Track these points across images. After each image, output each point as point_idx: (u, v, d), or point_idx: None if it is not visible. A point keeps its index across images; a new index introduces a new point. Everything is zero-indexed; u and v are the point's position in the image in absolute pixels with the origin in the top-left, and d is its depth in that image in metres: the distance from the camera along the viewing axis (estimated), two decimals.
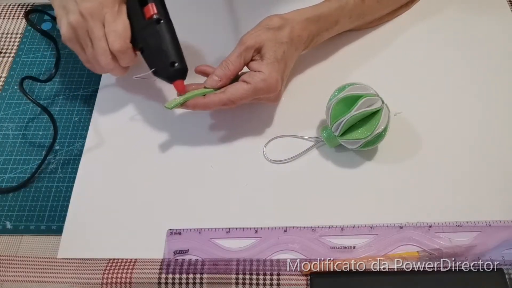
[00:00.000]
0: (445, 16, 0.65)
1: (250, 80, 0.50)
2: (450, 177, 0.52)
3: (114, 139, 0.57)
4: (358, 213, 0.51)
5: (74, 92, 0.61)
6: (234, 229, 0.50)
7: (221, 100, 0.51)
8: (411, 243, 0.48)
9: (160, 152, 0.56)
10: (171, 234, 0.50)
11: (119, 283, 0.47)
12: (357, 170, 0.53)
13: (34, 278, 0.48)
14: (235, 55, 0.52)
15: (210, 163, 0.55)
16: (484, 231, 0.49)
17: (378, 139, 0.51)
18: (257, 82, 0.50)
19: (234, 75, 0.52)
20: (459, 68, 0.60)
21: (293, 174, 0.53)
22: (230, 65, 0.51)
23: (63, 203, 0.53)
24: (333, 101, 0.51)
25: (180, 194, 0.53)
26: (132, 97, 0.60)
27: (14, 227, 0.52)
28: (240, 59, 0.52)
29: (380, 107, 0.50)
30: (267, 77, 0.50)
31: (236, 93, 0.50)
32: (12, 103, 0.61)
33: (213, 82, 0.52)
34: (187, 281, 0.47)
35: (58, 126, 0.56)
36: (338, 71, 0.60)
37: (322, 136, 0.53)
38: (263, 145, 0.56)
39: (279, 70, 0.51)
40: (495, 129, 0.55)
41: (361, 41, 0.63)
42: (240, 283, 0.47)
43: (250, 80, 0.50)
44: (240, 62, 0.52)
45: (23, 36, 0.66)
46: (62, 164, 0.56)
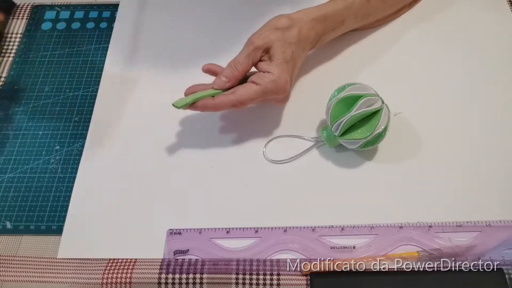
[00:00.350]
0: (445, 16, 0.64)
1: (259, 81, 0.50)
2: (450, 177, 0.52)
3: (114, 139, 0.57)
4: (358, 213, 0.50)
5: (74, 92, 0.61)
6: (234, 229, 0.50)
7: (231, 101, 0.50)
8: (411, 243, 0.48)
9: (160, 152, 0.55)
10: (171, 234, 0.50)
11: (119, 283, 0.47)
12: (357, 170, 0.53)
13: (34, 278, 0.48)
14: (244, 56, 0.51)
15: (210, 163, 0.54)
16: (484, 231, 0.48)
17: (378, 139, 0.51)
18: (266, 83, 0.50)
19: (242, 75, 0.51)
20: (459, 68, 0.60)
21: (293, 174, 0.53)
22: (239, 66, 0.51)
23: (63, 203, 0.52)
24: (333, 101, 0.51)
25: (180, 194, 0.52)
26: (132, 98, 0.60)
27: (14, 227, 0.51)
28: (248, 59, 0.51)
29: (380, 107, 0.50)
30: (276, 78, 0.50)
31: (246, 94, 0.50)
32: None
33: (222, 83, 0.51)
34: (187, 281, 0.47)
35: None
36: (338, 71, 0.60)
37: (322, 136, 0.53)
38: (263, 145, 0.55)
39: (288, 71, 0.51)
40: (495, 128, 0.55)
41: (361, 41, 0.62)
42: (240, 283, 0.47)
43: (260, 81, 0.50)
44: (249, 63, 0.51)
45: (23, 36, 0.66)
46: (62, 164, 0.55)
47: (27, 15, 0.68)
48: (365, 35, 0.63)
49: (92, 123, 0.58)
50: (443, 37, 0.63)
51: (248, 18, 0.64)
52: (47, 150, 0.56)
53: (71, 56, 0.64)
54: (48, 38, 0.65)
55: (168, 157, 0.55)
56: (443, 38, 0.63)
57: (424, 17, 0.64)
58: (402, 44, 0.62)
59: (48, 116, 0.59)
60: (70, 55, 0.64)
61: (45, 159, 0.56)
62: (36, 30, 0.66)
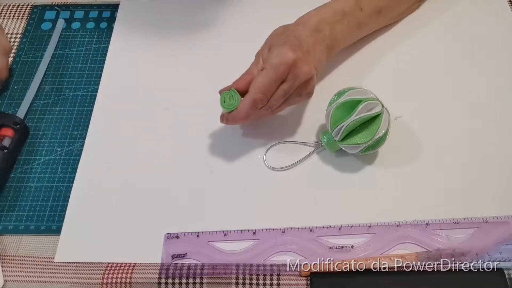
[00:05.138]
0: (445, 18, 0.62)
1: (265, 64, 0.47)
2: (448, 175, 0.51)
3: (114, 140, 0.55)
4: (356, 213, 0.49)
5: (74, 92, 0.59)
6: (232, 231, 0.48)
7: (249, 99, 0.47)
8: (409, 241, 0.47)
9: (159, 156, 0.53)
10: (168, 238, 0.48)
11: (119, 283, 0.45)
12: (358, 174, 0.51)
13: (34, 278, 0.46)
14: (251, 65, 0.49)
15: (209, 167, 0.52)
16: (481, 227, 0.47)
17: (379, 144, 0.49)
18: (271, 59, 0.46)
19: None
20: (459, 70, 0.58)
21: (293, 179, 0.51)
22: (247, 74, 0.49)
23: (63, 203, 0.51)
24: (333, 106, 0.49)
25: (179, 198, 0.50)
26: (131, 99, 0.58)
27: (14, 227, 0.50)
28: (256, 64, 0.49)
29: (381, 112, 0.48)
30: (278, 52, 0.46)
31: (258, 83, 0.47)
32: (12, 103, 0.58)
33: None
34: (187, 281, 0.45)
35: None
36: (337, 76, 0.58)
37: (322, 141, 0.51)
38: (262, 150, 0.53)
39: (291, 49, 0.47)
40: (493, 128, 0.54)
41: (360, 45, 0.60)
42: (240, 283, 0.45)
43: (265, 64, 0.47)
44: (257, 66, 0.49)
45: (23, 36, 0.64)
46: (62, 164, 0.53)
47: (27, 15, 0.65)
48: (365, 39, 0.60)
49: (92, 123, 0.56)
50: (443, 38, 0.61)
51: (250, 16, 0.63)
52: (47, 150, 0.54)
53: (71, 56, 0.62)
54: (48, 38, 0.63)
55: (167, 160, 0.53)
56: (443, 40, 0.61)
57: (423, 19, 0.62)
58: (402, 47, 0.60)
59: (48, 116, 0.57)
60: (70, 55, 0.62)
61: (45, 159, 0.54)
62: (36, 30, 0.64)
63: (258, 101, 0.47)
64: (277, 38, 0.49)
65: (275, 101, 0.48)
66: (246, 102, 0.47)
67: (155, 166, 0.53)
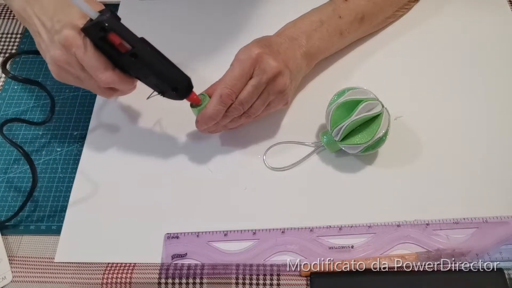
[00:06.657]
0: (444, 18, 0.62)
1: (232, 62, 0.47)
2: (448, 176, 0.50)
3: (114, 140, 0.54)
4: (356, 213, 0.48)
5: (74, 92, 0.58)
6: (232, 231, 0.47)
7: (216, 95, 0.46)
8: (409, 241, 0.46)
9: (159, 156, 0.53)
10: (168, 238, 0.47)
11: (119, 283, 0.45)
12: (358, 174, 0.51)
13: (34, 278, 0.46)
14: None
15: (208, 167, 0.52)
16: (481, 227, 0.47)
17: (379, 143, 0.48)
18: (238, 55, 0.47)
19: None
20: (459, 70, 0.58)
21: (293, 179, 0.51)
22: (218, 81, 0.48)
23: (63, 203, 0.50)
24: (333, 106, 0.49)
25: (178, 198, 0.50)
26: (132, 99, 0.57)
27: (14, 227, 0.49)
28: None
29: (381, 112, 0.48)
30: (244, 48, 0.47)
31: (224, 78, 0.47)
32: (12, 103, 0.57)
33: None
34: (187, 281, 0.45)
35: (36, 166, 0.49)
36: (337, 76, 0.57)
37: (322, 141, 0.51)
38: (262, 150, 0.53)
39: (258, 46, 0.47)
40: (493, 128, 0.53)
41: (360, 45, 0.60)
42: (240, 283, 0.45)
43: (233, 61, 0.47)
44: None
45: (23, 36, 0.63)
46: (62, 164, 0.53)
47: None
48: (365, 38, 0.60)
49: (92, 123, 0.55)
50: (442, 38, 0.60)
51: (248, 17, 0.62)
52: (47, 150, 0.54)
53: None
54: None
55: (167, 160, 0.52)
56: (442, 40, 0.60)
57: (423, 18, 0.62)
58: (402, 47, 0.60)
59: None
60: None
61: (45, 159, 0.53)
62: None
63: (225, 95, 0.46)
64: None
65: (247, 103, 0.47)
66: (213, 98, 0.47)
67: (155, 166, 0.52)
